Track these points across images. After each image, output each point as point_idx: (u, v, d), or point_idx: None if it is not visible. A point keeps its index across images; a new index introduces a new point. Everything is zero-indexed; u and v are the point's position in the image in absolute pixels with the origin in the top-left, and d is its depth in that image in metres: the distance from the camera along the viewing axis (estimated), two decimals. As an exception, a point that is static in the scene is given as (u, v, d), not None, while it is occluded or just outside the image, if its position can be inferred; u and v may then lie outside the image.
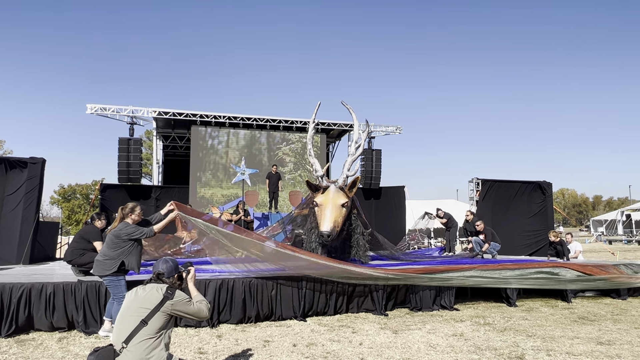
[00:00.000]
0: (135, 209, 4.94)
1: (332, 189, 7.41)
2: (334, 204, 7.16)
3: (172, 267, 2.90)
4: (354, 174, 7.93)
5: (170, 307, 2.67)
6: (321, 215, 7.10)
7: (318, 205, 7.25)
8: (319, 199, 7.31)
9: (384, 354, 4.41)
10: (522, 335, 5.16)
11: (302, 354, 4.40)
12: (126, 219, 4.91)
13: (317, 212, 7.25)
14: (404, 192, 15.87)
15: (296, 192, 14.88)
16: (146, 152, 31.70)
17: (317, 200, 7.29)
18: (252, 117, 15.43)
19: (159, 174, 16.34)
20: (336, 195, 7.30)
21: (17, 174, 9.16)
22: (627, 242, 29.74)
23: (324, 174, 7.72)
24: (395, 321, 5.87)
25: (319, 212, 7.20)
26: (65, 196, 41.72)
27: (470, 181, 13.47)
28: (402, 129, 16.70)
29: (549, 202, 13.57)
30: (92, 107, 13.91)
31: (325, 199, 7.28)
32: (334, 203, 7.18)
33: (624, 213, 36.97)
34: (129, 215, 4.91)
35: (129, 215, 4.91)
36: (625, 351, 4.51)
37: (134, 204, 4.99)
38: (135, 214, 4.93)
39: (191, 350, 4.49)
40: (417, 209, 17.27)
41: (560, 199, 74.31)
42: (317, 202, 7.28)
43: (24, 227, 8.93)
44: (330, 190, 7.41)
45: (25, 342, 4.77)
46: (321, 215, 7.10)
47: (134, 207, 4.96)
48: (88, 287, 5.33)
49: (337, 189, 7.44)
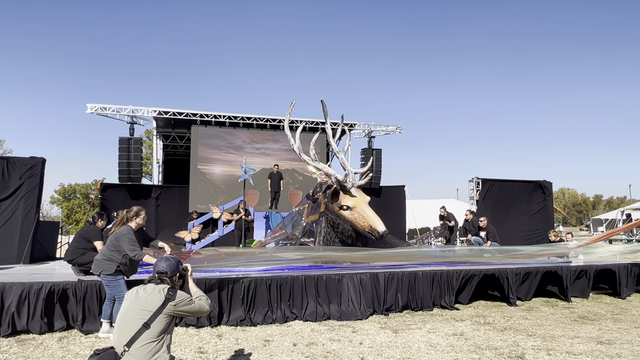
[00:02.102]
0: (140, 213, 4.96)
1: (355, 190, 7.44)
2: (367, 204, 7.28)
3: (174, 265, 2.87)
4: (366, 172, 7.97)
5: (173, 309, 2.65)
6: (366, 217, 7.15)
7: (351, 209, 7.23)
8: (349, 202, 7.26)
9: (384, 353, 4.41)
10: (522, 334, 5.16)
11: (303, 353, 4.40)
12: (130, 222, 4.91)
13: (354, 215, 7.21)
14: (404, 191, 15.89)
15: (296, 192, 14.88)
16: (146, 151, 31.72)
17: (349, 204, 7.25)
18: (252, 117, 15.44)
19: (159, 173, 16.37)
20: (361, 194, 7.42)
21: (17, 174, 9.16)
22: (628, 241, 29.69)
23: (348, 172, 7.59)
24: (396, 320, 5.87)
25: (357, 215, 7.19)
26: (66, 196, 41.73)
27: (471, 181, 13.47)
28: (402, 129, 16.70)
29: (549, 202, 13.59)
30: (92, 107, 13.91)
31: (357, 202, 7.27)
32: (366, 201, 7.30)
33: (624, 212, 36.94)
34: (133, 219, 4.91)
35: (133, 219, 4.91)
36: (626, 350, 4.51)
37: (139, 208, 5.00)
38: (140, 217, 4.95)
39: (191, 350, 4.50)
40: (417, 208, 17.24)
41: (561, 198, 74.28)
42: (349, 206, 7.24)
43: (24, 226, 8.93)
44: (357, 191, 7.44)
45: (25, 342, 4.77)
46: (366, 217, 7.15)
47: (139, 211, 4.97)
48: (88, 287, 5.33)
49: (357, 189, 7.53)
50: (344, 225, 7.50)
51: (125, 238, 4.74)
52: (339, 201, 7.34)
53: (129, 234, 4.78)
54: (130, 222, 4.91)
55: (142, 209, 5.02)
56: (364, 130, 16.49)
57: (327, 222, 7.74)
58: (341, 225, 7.52)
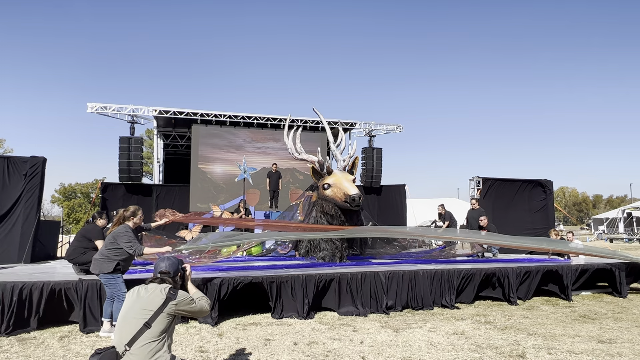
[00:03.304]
0: (137, 213, 5.01)
1: (337, 171, 8.01)
2: (346, 178, 7.74)
3: (176, 265, 2.88)
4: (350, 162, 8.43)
5: (174, 308, 2.65)
6: (342, 187, 7.58)
7: (331, 185, 7.70)
8: (329, 179, 7.78)
9: (384, 352, 4.41)
10: (523, 333, 5.16)
11: (303, 352, 4.40)
12: (127, 221, 4.96)
13: (333, 190, 7.68)
14: (404, 190, 15.89)
15: (297, 191, 14.88)
16: (147, 150, 31.68)
17: (329, 181, 7.74)
18: (253, 116, 15.43)
19: (159, 172, 16.35)
20: (344, 173, 7.94)
21: (17, 173, 9.17)
22: (628, 240, 29.68)
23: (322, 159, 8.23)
24: (396, 319, 5.87)
25: (335, 189, 7.65)
26: (66, 195, 41.74)
27: (471, 179, 13.46)
28: (402, 128, 16.69)
29: (549, 201, 13.58)
30: (92, 106, 13.91)
31: (336, 177, 7.78)
32: (346, 178, 7.76)
33: (625, 211, 36.92)
34: (130, 218, 4.97)
35: (130, 218, 4.97)
36: (627, 349, 4.51)
37: (136, 208, 5.06)
38: (137, 217, 5.01)
39: (192, 349, 4.50)
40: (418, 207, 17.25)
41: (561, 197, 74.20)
42: (329, 183, 7.72)
43: (25, 226, 8.95)
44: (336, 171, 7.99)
45: (26, 341, 4.77)
46: (342, 187, 7.58)
47: (136, 210, 5.03)
48: (89, 286, 5.34)
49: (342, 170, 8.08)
50: (329, 207, 7.91)
51: (123, 236, 4.79)
52: (322, 180, 7.91)
53: (126, 232, 4.83)
54: (128, 221, 4.96)
55: (139, 208, 5.07)
56: (364, 130, 16.47)
57: (317, 209, 8.17)
58: (326, 207, 7.93)
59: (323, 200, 7.96)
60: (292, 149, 8.63)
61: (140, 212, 5.06)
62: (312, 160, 8.21)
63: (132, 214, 4.97)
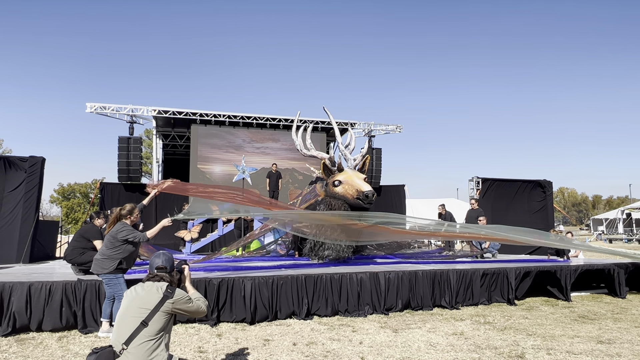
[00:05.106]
0: (133, 211, 5.02)
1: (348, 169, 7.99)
2: (358, 176, 7.71)
3: (171, 259, 2.87)
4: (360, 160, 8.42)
5: (171, 306, 2.65)
6: (354, 184, 7.55)
7: (342, 182, 7.67)
8: (340, 177, 7.74)
9: (384, 352, 4.40)
10: (522, 334, 5.16)
11: (302, 352, 4.39)
12: (124, 220, 4.96)
13: (344, 187, 7.64)
14: (404, 190, 15.90)
15: (296, 191, 14.87)
16: (146, 150, 31.70)
17: (340, 178, 7.71)
18: (252, 116, 15.42)
19: (158, 172, 16.33)
20: (354, 171, 7.94)
21: (16, 173, 9.15)
22: (628, 240, 29.72)
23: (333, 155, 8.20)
24: (395, 320, 5.87)
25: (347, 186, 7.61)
26: (65, 195, 41.69)
27: (471, 180, 13.46)
28: (402, 128, 16.69)
29: (549, 201, 13.57)
30: (91, 106, 13.90)
31: (348, 175, 7.75)
32: (358, 175, 7.74)
33: (624, 212, 36.96)
34: (127, 217, 4.97)
35: (127, 217, 4.97)
36: (626, 350, 4.50)
37: (132, 206, 5.06)
38: (133, 215, 5.01)
39: (191, 349, 4.49)
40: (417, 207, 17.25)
41: (560, 197, 74.30)
42: (340, 180, 7.70)
43: (24, 226, 8.92)
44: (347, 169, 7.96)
45: (25, 341, 4.76)
46: (354, 184, 7.55)
47: (132, 209, 5.03)
48: (88, 286, 5.33)
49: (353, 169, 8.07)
50: (338, 204, 7.84)
51: (122, 231, 4.81)
52: (332, 178, 7.85)
53: (125, 227, 4.85)
54: (125, 219, 4.96)
55: (135, 207, 5.07)
56: (363, 130, 16.47)
57: (325, 206, 8.05)
58: (335, 204, 7.86)
59: (332, 198, 7.84)
60: (301, 146, 8.60)
61: (136, 210, 5.06)
62: (323, 157, 8.18)
63: (128, 212, 4.97)
